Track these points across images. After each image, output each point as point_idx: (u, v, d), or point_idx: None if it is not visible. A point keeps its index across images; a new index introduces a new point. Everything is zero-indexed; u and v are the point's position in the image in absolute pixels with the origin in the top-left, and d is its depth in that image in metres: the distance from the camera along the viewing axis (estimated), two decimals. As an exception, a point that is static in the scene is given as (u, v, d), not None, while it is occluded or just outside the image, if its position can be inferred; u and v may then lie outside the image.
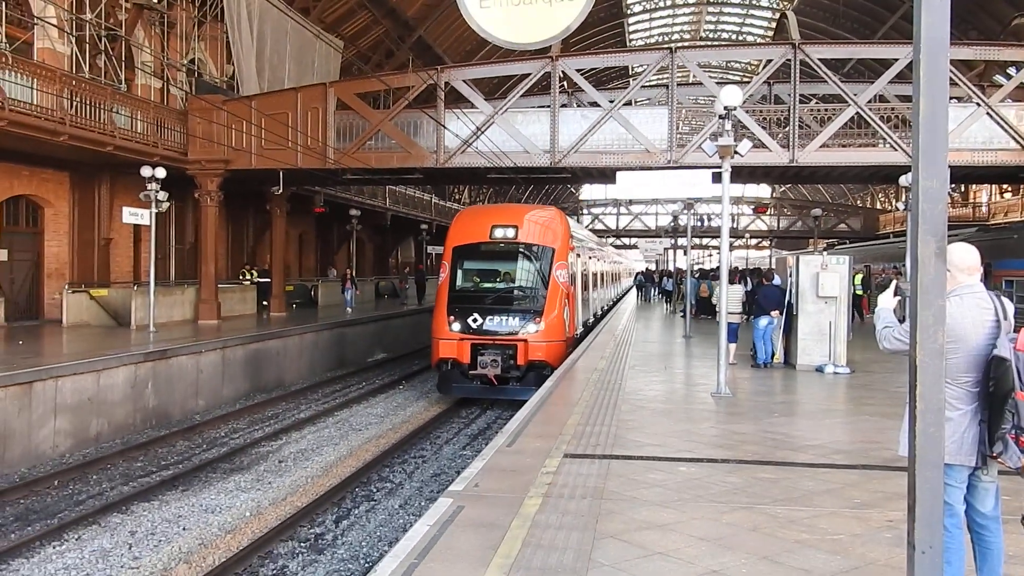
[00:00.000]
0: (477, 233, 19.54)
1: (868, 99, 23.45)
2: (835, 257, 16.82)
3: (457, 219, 20.77)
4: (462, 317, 18.36)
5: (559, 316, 18.50)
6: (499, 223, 19.49)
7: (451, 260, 19.37)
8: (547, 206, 21.76)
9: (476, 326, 18.29)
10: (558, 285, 18.70)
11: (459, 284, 19.23)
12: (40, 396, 14.71)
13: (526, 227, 19.47)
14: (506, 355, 18.11)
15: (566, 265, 19.18)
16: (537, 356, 18.04)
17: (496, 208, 22.20)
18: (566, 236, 19.71)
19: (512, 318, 18.32)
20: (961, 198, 57.81)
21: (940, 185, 3.23)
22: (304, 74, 32.21)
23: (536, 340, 18.06)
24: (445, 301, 18.78)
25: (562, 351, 18.45)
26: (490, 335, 18.30)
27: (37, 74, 20.22)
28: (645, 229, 66.51)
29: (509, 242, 19.23)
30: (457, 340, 18.33)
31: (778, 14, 49.80)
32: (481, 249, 19.45)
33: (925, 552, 3.33)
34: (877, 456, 8.92)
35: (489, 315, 18.37)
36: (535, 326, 18.15)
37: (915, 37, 3.24)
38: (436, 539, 6.06)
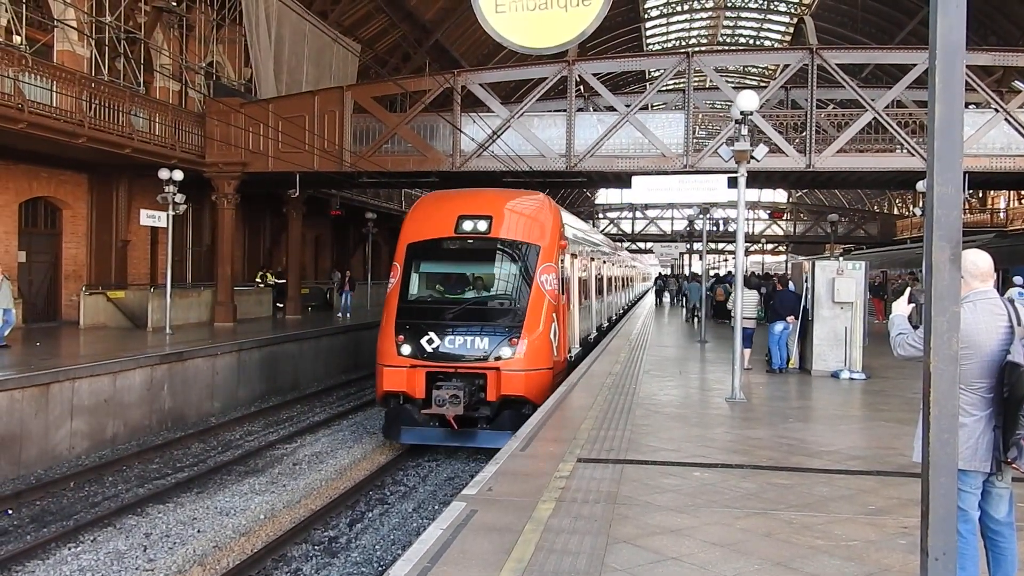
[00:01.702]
0: (439, 226, 15.31)
1: (886, 104, 23.34)
2: (851, 262, 16.74)
3: (415, 208, 16.39)
4: (415, 337, 14.11)
5: (544, 336, 14.39)
6: (468, 213, 15.21)
7: (404, 261, 15.19)
8: (532, 192, 17.51)
9: (432, 349, 14.02)
10: (543, 294, 14.56)
11: (413, 293, 15.02)
12: (57, 397, 14.81)
13: (503, 218, 15.37)
14: (472, 388, 13.89)
15: (555, 268, 15.01)
16: (513, 390, 13.86)
17: (465, 194, 17.33)
18: (556, 231, 15.60)
19: (481, 338, 14.07)
20: (979, 204, 57.45)
21: (955, 191, 3.22)
22: (322, 77, 32.33)
23: (512, 368, 13.88)
24: (393, 316, 14.56)
25: (547, 382, 14.36)
26: (451, 361, 14.05)
27: (56, 76, 20.39)
28: (661, 234, 66.38)
29: (480, 237, 15.02)
30: (407, 368, 14.09)
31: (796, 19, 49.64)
32: (443, 247, 15.26)
33: (938, 559, 3.31)
34: (893, 462, 8.87)
35: (450, 334, 14.13)
36: (511, 349, 13.94)
37: (931, 42, 3.23)
38: (449, 543, 6.07)
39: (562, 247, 15.78)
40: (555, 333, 14.82)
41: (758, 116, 20.86)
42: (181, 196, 22.05)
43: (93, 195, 25.90)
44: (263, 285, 32.09)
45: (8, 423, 13.68)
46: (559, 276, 15.19)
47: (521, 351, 14.02)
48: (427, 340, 14.10)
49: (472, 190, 18.62)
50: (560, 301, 15.24)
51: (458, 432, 14.00)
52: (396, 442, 15.06)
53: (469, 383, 13.91)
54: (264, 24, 29.04)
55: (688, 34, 61.41)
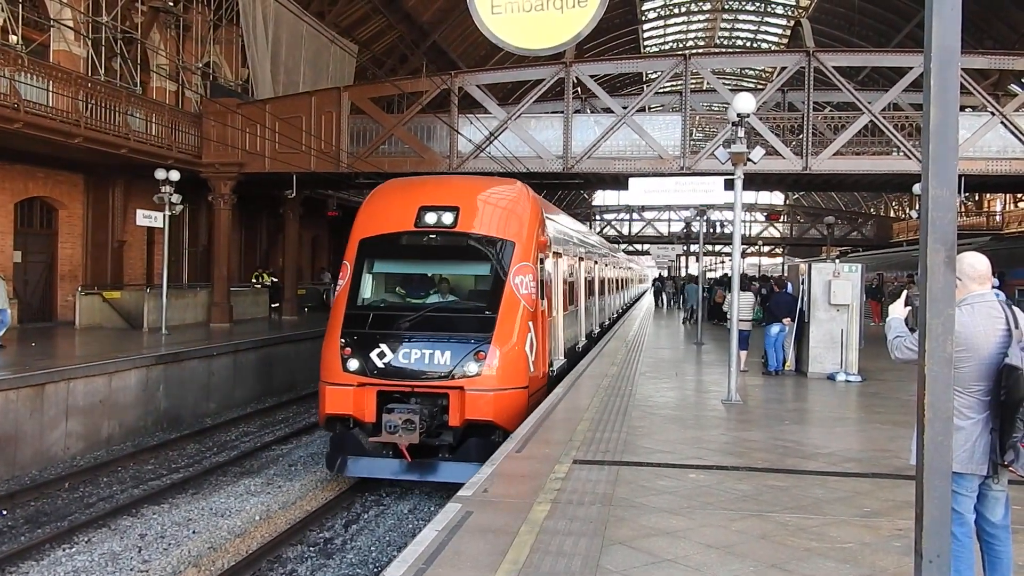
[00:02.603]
0: (397, 218, 13.26)
1: (882, 107, 23.39)
2: (847, 265, 16.76)
3: (371, 197, 14.19)
4: (363, 350, 11.99)
5: (518, 348, 12.22)
6: (431, 203, 13.18)
7: (354, 260, 13.20)
8: (507, 180, 15.74)
9: (384, 364, 11.86)
10: (518, 299, 12.43)
11: (363, 297, 12.99)
12: (52, 398, 14.78)
13: (472, 210, 13.29)
14: (431, 410, 11.81)
15: (533, 269, 12.89)
16: (480, 413, 11.68)
17: (429, 181, 15.41)
18: (535, 226, 13.45)
19: (442, 352, 11.85)
20: (975, 207, 57.54)
21: (950, 194, 3.22)
22: (319, 78, 32.32)
23: (479, 387, 11.70)
24: (339, 325, 12.45)
25: (521, 404, 12.10)
26: (406, 378, 11.85)
27: (53, 76, 20.36)
28: (658, 235, 66.39)
29: (444, 232, 12.92)
30: (354, 387, 11.91)
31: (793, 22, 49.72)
32: (401, 243, 13.23)
33: (933, 561, 3.31)
34: (888, 464, 8.88)
35: (405, 346, 11.96)
36: (478, 365, 11.77)
37: (926, 46, 3.24)
38: (444, 544, 6.06)
39: (542, 244, 13.74)
40: (532, 345, 12.57)
41: (755, 118, 20.94)
42: (177, 196, 22.04)
43: (89, 195, 25.86)
44: (260, 286, 32.10)
45: (3, 424, 13.65)
46: (538, 278, 13.04)
47: (490, 367, 11.80)
48: (378, 353, 11.88)
49: (437, 177, 17.14)
50: (539, 307, 13.03)
51: (414, 464, 11.79)
52: (341, 475, 12.72)
53: (428, 405, 11.82)
54: (261, 25, 29.03)
55: (685, 36, 61.48)
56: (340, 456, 12.27)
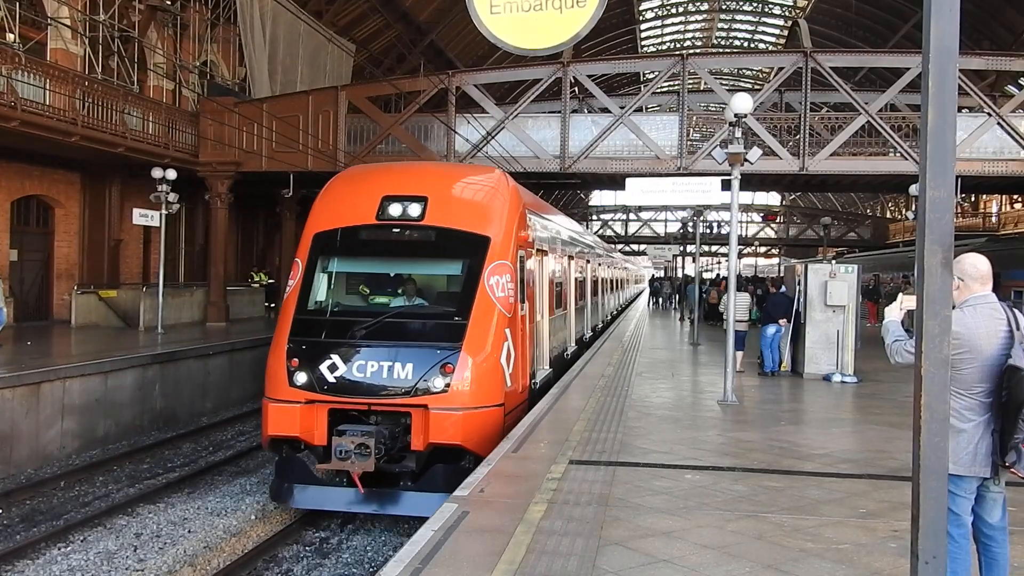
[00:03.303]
0: (357, 210, 11.80)
1: (879, 108, 23.42)
2: (844, 266, 16.78)
3: (329, 186, 12.67)
4: (313, 361, 10.47)
5: (491, 359, 10.70)
6: (396, 192, 11.66)
7: (307, 257, 11.63)
8: (484, 167, 14.57)
9: (336, 378, 10.35)
10: (492, 303, 10.89)
11: (315, 300, 11.42)
12: (48, 397, 14.76)
13: (442, 200, 11.77)
14: (392, 432, 10.25)
15: (512, 268, 11.37)
16: (446, 436, 10.16)
17: (395, 168, 14.13)
18: (515, 219, 11.93)
19: (403, 364, 10.32)
20: (972, 208, 57.64)
21: (947, 195, 3.22)
22: (316, 77, 32.31)
23: (446, 406, 10.16)
24: (286, 332, 10.97)
25: (495, 424, 10.59)
26: (362, 394, 10.33)
27: (50, 74, 20.34)
28: (654, 236, 66.44)
29: (410, 225, 11.43)
30: (302, 404, 10.41)
31: (790, 22, 49.79)
32: (360, 238, 11.69)
33: (928, 562, 3.31)
34: (884, 465, 8.89)
35: (361, 357, 10.45)
36: (444, 379, 10.23)
37: (924, 47, 3.24)
38: (441, 544, 6.06)
39: (523, 241, 12.25)
40: (509, 355, 11.01)
41: (752, 119, 20.96)
42: (174, 195, 22.02)
43: (86, 194, 25.84)
44: (256, 285, 32.09)
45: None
46: (517, 278, 11.51)
47: (459, 382, 10.25)
48: (328, 366, 10.35)
49: (405, 164, 15.72)
50: (518, 311, 11.47)
51: (372, 494, 10.31)
52: (287, 506, 11.28)
53: (389, 425, 10.31)
54: (259, 23, 29.01)
55: (683, 36, 61.49)
56: (285, 484, 10.73)
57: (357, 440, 9.85)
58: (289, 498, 10.79)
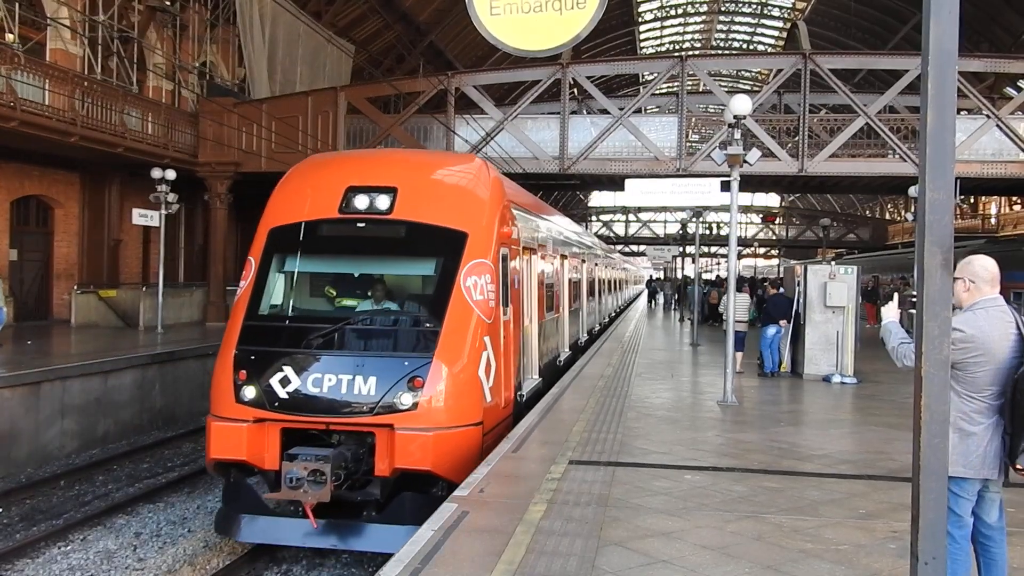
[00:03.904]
0: (317, 202, 10.51)
1: (878, 110, 23.45)
2: (843, 267, 16.79)
3: (288, 176, 11.42)
4: (262, 373, 9.16)
5: (468, 371, 9.39)
6: (362, 183, 10.39)
7: (260, 256, 10.41)
8: (462, 155, 13.06)
9: (289, 393, 9.02)
10: (469, 307, 9.61)
11: (268, 304, 10.09)
12: (48, 396, 14.76)
13: (414, 192, 10.39)
14: (354, 454, 8.94)
15: (493, 268, 10.07)
16: (413, 461, 8.81)
17: (362, 156, 13.08)
18: (497, 213, 10.65)
19: (365, 377, 9.00)
20: (971, 210, 57.68)
21: (946, 197, 3.23)
22: (315, 78, 32.32)
23: (414, 426, 8.83)
24: (234, 340, 9.69)
25: (472, 445, 9.29)
26: (319, 412, 9.01)
27: (49, 75, 20.36)
28: (654, 237, 66.49)
29: (377, 220, 10.11)
30: (250, 423, 9.07)
31: (789, 24, 49.83)
32: (320, 234, 10.34)
33: (928, 563, 3.32)
34: (883, 466, 8.90)
35: (317, 369, 9.16)
36: (413, 394, 8.91)
37: (923, 48, 3.25)
38: (440, 544, 6.06)
39: (507, 237, 10.99)
40: (489, 366, 9.75)
41: (751, 120, 20.99)
42: (174, 195, 22.04)
43: (85, 194, 25.85)
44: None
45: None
46: (499, 279, 10.26)
47: (430, 397, 8.95)
48: (281, 379, 9.04)
49: (373, 151, 14.11)
50: (499, 316, 10.20)
51: (330, 526, 8.97)
52: (234, 539, 9.76)
53: (352, 447, 8.98)
54: (258, 24, 29.03)
55: (682, 38, 61.54)
56: (232, 514, 9.33)
57: (310, 466, 8.38)
58: (235, 530, 9.35)
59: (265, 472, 9.22)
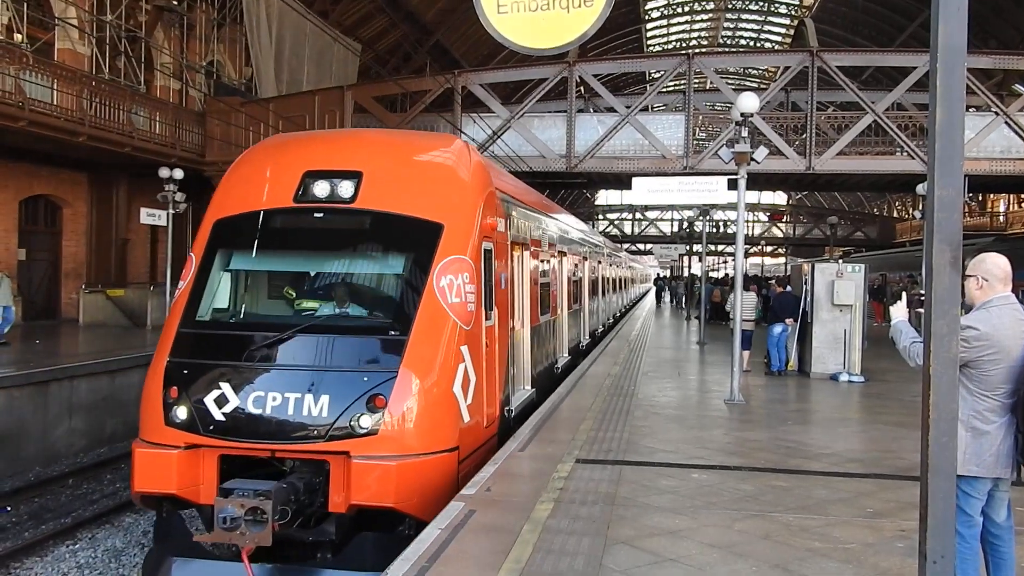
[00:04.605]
0: (271, 189, 9.06)
1: (886, 107, 23.39)
2: (851, 265, 16.75)
3: (239, 161, 9.82)
4: (196, 389, 7.78)
5: (441, 388, 7.98)
6: (323, 167, 8.96)
7: (203, 252, 9.01)
8: (439, 135, 11.84)
9: (227, 413, 7.64)
10: (444, 312, 8.22)
11: (208, 308, 8.66)
12: (56, 395, 14.80)
13: (382, 177, 8.96)
14: (303, 487, 7.42)
15: (472, 266, 8.64)
16: (373, 495, 7.45)
17: (322, 137, 11.41)
18: (479, 201, 9.16)
19: (316, 395, 7.60)
20: (979, 207, 57.50)
21: (955, 194, 3.22)
22: (322, 77, 32.35)
23: (374, 453, 7.47)
24: (166, 351, 8.22)
25: (445, 475, 7.89)
26: (261, 436, 7.60)
27: (57, 75, 20.42)
28: (660, 235, 66.42)
29: (339, 209, 8.71)
30: (181, 450, 7.69)
31: (796, 21, 49.70)
32: (273, 226, 8.89)
33: (937, 562, 3.31)
34: (891, 465, 8.87)
35: (260, 385, 7.75)
36: (373, 416, 7.53)
37: (932, 45, 3.24)
38: (447, 543, 6.06)
39: (491, 230, 9.47)
40: (467, 379, 8.35)
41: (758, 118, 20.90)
42: (181, 195, 22.07)
43: (93, 193, 25.91)
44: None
45: (7, 421, 13.68)
46: (481, 278, 8.88)
47: (393, 419, 7.55)
48: (216, 397, 7.64)
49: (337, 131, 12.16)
50: (482, 320, 8.89)
51: (276, 573, 7.45)
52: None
53: (307, 476, 7.52)
54: (265, 23, 29.06)
55: (689, 36, 61.47)
56: (162, 556, 7.75)
57: (248, 503, 6.86)
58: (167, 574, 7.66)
59: (201, 507, 7.87)
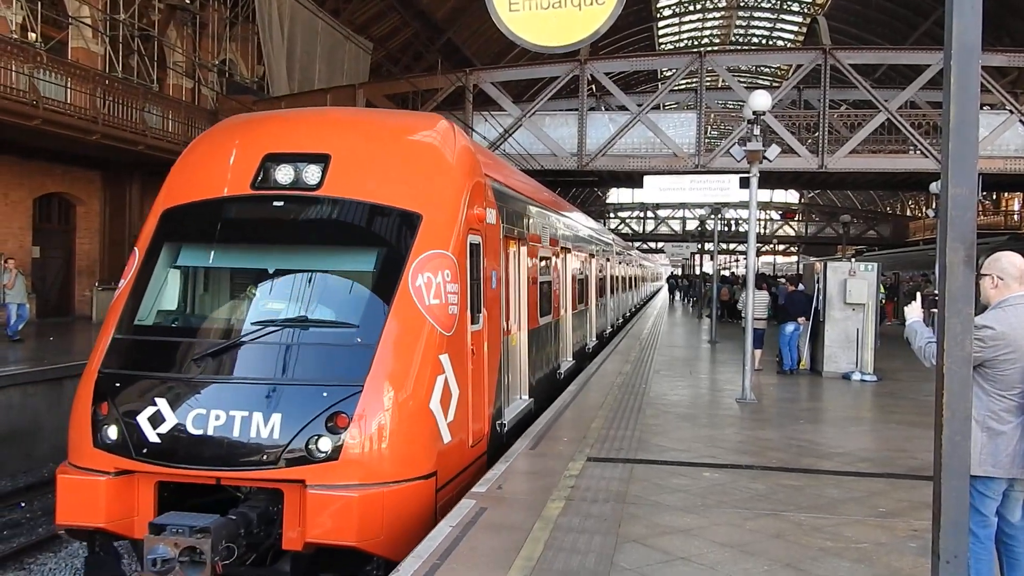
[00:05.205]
0: (227, 175, 7.96)
1: (899, 105, 23.28)
2: (863, 264, 16.69)
3: (194, 144, 8.89)
4: (128, 404, 6.76)
5: (414, 404, 6.88)
6: (285, 149, 7.85)
7: (148, 245, 7.96)
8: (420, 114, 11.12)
9: (162, 435, 6.53)
10: (420, 315, 7.16)
11: (148, 310, 7.57)
12: (70, 393, 14.81)
13: (352, 161, 7.86)
14: (257, 519, 6.44)
15: (454, 263, 7.56)
16: (332, 532, 6.29)
17: (285, 117, 9.81)
18: (464, 189, 8.05)
19: (266, 413, 6.48)
20: (993, 206, 57.22)
21: (970, 192, 3.20)
22: (334, 75, 32.40)
23: (333, 483, 6.36)
24: (98, 359, 7.39)
25: (421, 506, 6.82)
26: (204, 461, 6.48)
27: (71, 73, 20.50)
28: (672, 233, 66.29)
29: (300, 197, 7.63)
30: (111, 476, 6.64)
31: (809, 19, 49.54)
32: (227, 216, 7.82)
33: (950, 561, 3.30)
34: (903, 465, 8.84)
35: (201, 401, 6.65)
36: (333, 437, 6.43)
37: (946, 43, 3.22)
38: (459, 540, 6.06)
39: (478, 221, 8.27)
40: (448, 393, 7.24)
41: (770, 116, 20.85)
42: (194, 193, 22.11)
43: (106, 191, 26.02)
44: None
45: (21, 418, 13.76)
46: (467, 276, 7.81)
47: (357, 441, 6.46)
48: (151, 415, 6.54)
49: (302, 110, 11.38)
50: (467, 324, 7.78)
51: None
52: None
53: (262, 505, 6.56)
54: (277, 22, 29.13)
55: (700, 34, 61.35)
56: None
57: (183, 542, 5.86)
58: None
59: (136, 542, 6.64)
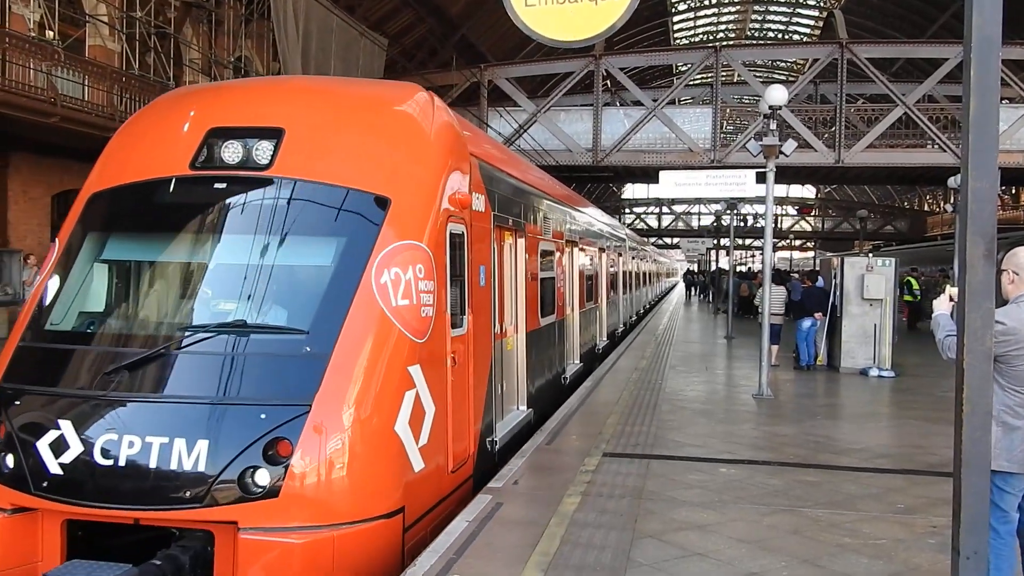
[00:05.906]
0: (165, 153, 6.61)
1: (917, 99, 23.14)
2: (881, 259, 16.61)
3: (132, 119, 7.51)
4: (28, 428, 5.51)
5: (375, 426, 5.63)
6: (231, 123, 6.58)
7: (69, 235, 6.63)
8: (398, 83, 8.10)
9: (65, 465, 5.30)
10: (384, 319, 5.84)
11: (65, 312, 6.25)
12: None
13: (309, 135, 6.58)
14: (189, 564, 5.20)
15: (428, 255, 6.30)
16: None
17: (232, 88, 8.70)
18: (443, 168, 6.85)
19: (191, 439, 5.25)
20: (1011, 201, 56.79)
21: (990, 186, 3.18)
22: (349, 71, 32.43)
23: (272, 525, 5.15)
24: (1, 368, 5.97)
25: (385, 549, 5.60)
26: (118, 497, 5.22)
27: (88, 71, 20.62)
28: (688, 229, 66.16)
29: (249, 178, 6.36)
30: (6, 514, 5.43)
31: (825, 12, 49.27)
32: (161, 201, 6.51)
33: (970, 557, 3.28)
34: (922, 461, 8.80)
35: (114, 425, 5.37)
36: (273, 469, 5.19)
37: (965, 36, 3.20)
38: (475, 535, 6.08)
39: (462, 207, 7.05)
40: (421, 412, 6.09)
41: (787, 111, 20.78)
42: (210, 189, 22.20)
43: (123, 188, 26.14)
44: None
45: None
46: (445, 272, 6.63)
47: (303, 473, 5.34)
48: (52, 441, 5.42)
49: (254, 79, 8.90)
50: (446, 329, 6.64)
51: None
52: None
53: (195, 548, 5.40)
54: (292, 19, 29.18)
55: (716, 28, 61.06)
56: None
57: None
58: None
59: None
